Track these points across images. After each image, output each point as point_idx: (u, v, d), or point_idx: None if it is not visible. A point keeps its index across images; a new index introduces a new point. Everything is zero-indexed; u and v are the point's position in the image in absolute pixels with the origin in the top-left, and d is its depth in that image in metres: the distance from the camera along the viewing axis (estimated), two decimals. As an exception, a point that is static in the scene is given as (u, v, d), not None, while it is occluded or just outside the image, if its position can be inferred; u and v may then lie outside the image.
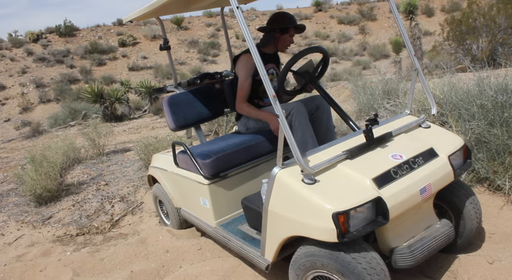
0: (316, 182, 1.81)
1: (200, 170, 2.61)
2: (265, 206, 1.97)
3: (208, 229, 2.74)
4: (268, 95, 2.91)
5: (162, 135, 6.00)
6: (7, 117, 16.33)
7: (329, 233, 1.68)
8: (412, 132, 2.27)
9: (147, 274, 2.67)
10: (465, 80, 3.79)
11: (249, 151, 2.73)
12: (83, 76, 19.36)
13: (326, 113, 2.81)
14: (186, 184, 2.89)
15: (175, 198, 3.13)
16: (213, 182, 2.61)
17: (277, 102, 1.75)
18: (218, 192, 2.65)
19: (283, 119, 1.75)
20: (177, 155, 2.97)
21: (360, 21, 26.86)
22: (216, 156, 2.59)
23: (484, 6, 10.80)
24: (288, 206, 1.85)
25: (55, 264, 3.00)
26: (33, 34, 22.44)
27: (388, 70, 13.33)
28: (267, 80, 1.78)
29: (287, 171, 1.88)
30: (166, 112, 3.17)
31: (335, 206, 1.69)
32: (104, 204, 4.23)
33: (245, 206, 2.41)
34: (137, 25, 25.00)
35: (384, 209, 1.75)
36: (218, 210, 2.67)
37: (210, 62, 21.55)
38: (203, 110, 3.25)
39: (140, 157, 5.20)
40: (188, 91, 3.27)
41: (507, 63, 6.07)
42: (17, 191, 5.11)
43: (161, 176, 3.26)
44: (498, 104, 3.04)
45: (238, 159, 2.69)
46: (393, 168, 1.91)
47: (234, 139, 2.87)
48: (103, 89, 12.08)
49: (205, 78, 3.46)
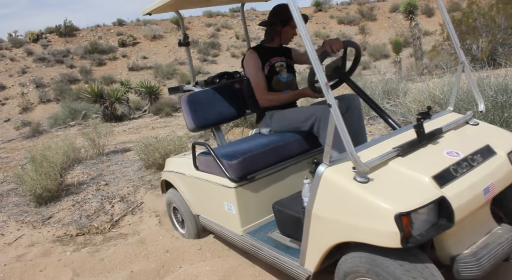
0: (370, 181, 1.63)
1: (226, 172, 2.40)
2: (308, 210, 1.78)
3: (233, 238, 2.51)
4: (284, 88, 2.86)
5: (162, 135, 6.00)
6: (7, 117, 16.33)
7: (391, 237, 1.48)
8: (461, 129, 2.13)
9: (147, 274, 2.67)
10: (465, 80, 3.79)
11: (277, 152, 2.54)
12: (83, 76, 19.36)
13: (357, 113, 2.64)
14: (207, 189, 2.68)
15: (194, 204, 2.92)
16: (240, 185, 2.40)
17: (329, 90, 1.58)
18: (246, 196, 2.43)
19: (336, 109, 1.57)
20: (197, 157, 2.78)
21: (360, 21, 26.86)
22: (243, 156, 2.39)
23: (484, 6, 10.81)
24: (338, 208, 1.66)
25: (55, 264, 3.00)
26: (33, 34, 22.43)
27: (388, 70, 13.33)
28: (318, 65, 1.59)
29: (336, 169, 1.70)
30: (184, 111, 2.97)
31: (397, 206, 1.50)
32: (104, 204, 4.23)
33: (278, 211, 2.21)
34: (137, 25, 25.00)
35: (448, 210, 1.57)
36: (245, 216, 2.44)
37: (210, 62, 21.55)
38: (224, 109, 3.07)
39: (140, 157, 5.20)
40: (208, 89, 3.10)
41: (507, 63, 6.08)
42: (17, 191, 5.11)
43: (177, 180, 3.05)
44: (498, 104, 3.05)
45: (267, 161, 2.50)
46: (453, 166, 1.75)
47: (260, 139, 2.69)
48: (103, 89, 12.07)
49: (223, 77, 3.31)
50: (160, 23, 25.21)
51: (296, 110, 2.71)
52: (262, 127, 2.91)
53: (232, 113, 3.10)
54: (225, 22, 26.24)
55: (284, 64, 2.93)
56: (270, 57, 2.87)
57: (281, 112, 2.78)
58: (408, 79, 7.79)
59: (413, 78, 8.35)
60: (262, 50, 2.88)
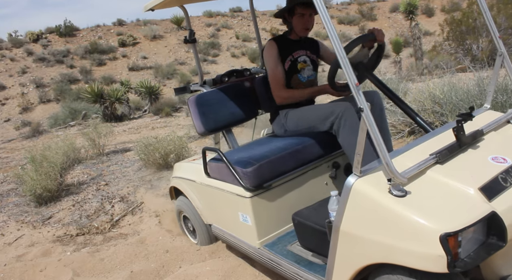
0: (408, 194, 1.43)
1: (240, 180, 2.19)
2: (335, 225, 1.59)
3: (249, 251, 2.31)
4: (302, 86, 2.60)
5: (162, 135, 6.00)
6: (7, 117, 16.33)
7: (435, 260, 1.29)
8: (502, 129, 1.91)
9: (147, 274, 2.67)
10: (465, 80, 3.79)
11: (295, 157, 2.32)
12: (83, 76, 19.35)
13: (380, 112, 2.37)
14: (220, 197, 2.46)
15: (205, 212, 2.71)
16: (256, 194, 2.19)
17: (360, 91, 1.41)
18: (262, 207, 2.22)
19: (369, 113, 1.40)
20: (208, 163, 2.55)
21: (360, 21, 26.85)
22: (259, 163, 2.19)
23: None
24: (371, 226, 1.46)
25: (55, 264, 3.00)
26: (33, 34, 22.43)
27: (388, 70, 13.32)
28: (347, 64, 1.41)
29: (368, 181, 1.51)
30: (193, 114, 2.75)
31: (442, 225, 1.30)
32: (104, 204, 4.23)
33: (298, 223, 2.01)
34: (137, 25, 24.99)
35: (499, 227, 1.37)
36: (262, 228, 2.24)
37: (210, 62, 21.54)
38: (236, 110, 2.85)
39: (140, 157, 5.20)
40: (218, 89, 2.89)
41: (507, 63, 6.07)
42: (17, 191, 5.11)
43: (187, 188, 2.84)
44: (498, 104, 3.05)
45: (284, 166, 2.29)
46: (501, 174, 1.54)
47: (275, 142, 2.47)
48: (103, 89, 12.07)
49: (232, 75, 3.10)
50: (160, 23, 25.20)
51: (313, 108, 2.46)
52: (276, 127, 2.69)
53: (244, 114, 2.90)
54: (225, 22, 26.23)
55: (308, 60, 2.65)
56: (292, 50, 2.60)
57: (297, 111, 2.54)
58: (408, 79, 7.79)
59: (413, 78, 8.35)
60: (284, 42, 2.62)
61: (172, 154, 5.02)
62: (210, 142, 6.31)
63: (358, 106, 1.42)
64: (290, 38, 2.64)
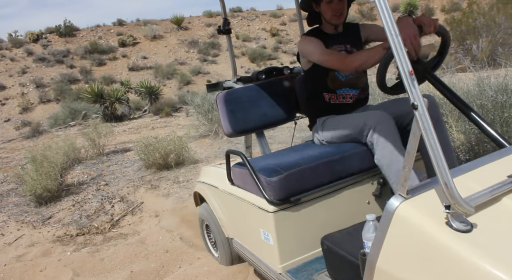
0: (474, 229, 1.07)
1: (263, 191, 1.86)
2: (370, 260, 1.26)
3: (270, 275, 1.97)
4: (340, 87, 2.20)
5: (162, 135, 6.00)
6: (7, 117, 16.32)
7: None
8: None
9: (147, 274, 2.67)
10: (465, 80, 3.79)
11: (332, 168, 1.95)
12: (83, 76, 19.35)
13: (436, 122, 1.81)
14: (242, 209, 2.13)
15: (227, 224, 2.36)
16: (281, 209, 1.85)
17: (415, 82, 1.12)
18: (287, 224, 1.86)
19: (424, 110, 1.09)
20: (232, 169, 2.22)
21: (360, 21, 26.85)
22: (286, 172, 1.84)
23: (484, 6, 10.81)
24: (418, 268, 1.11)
25: (55, 264, 3.00)
26: (33, 34, 22.42)
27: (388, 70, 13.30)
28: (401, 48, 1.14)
29: (417, 205, 1.16)
30: (221, 112, 2.46)
31: None
32: (104, 204, 4.24)
33: (328, 249, 1.68)
34: (137, 25, 24.99)
35: None
36: (286, 250, 1.88)
37: (210, 62, 21.53)
38: (270, 111, 2.53)
39: (140, 157, 5.21)
40: (251, 86, 2.61)
41: (507, 63, 6.07)
42: (17, 191, 5.11)
43: (209, 194, 2.52)
44: (498, 104, 3.05)
45: (317, 179, 1.91)
46: None
47: (310, 150, 2.16)
48: (103, 89, 12.07)
49: (271, 73, 2.79)
50: (160, 23, 25.21)
51: (349, 118, 2.12)
52: (314, 135, 2.37)
53: (279, 116, 2.56)
54: (225, 22, 26.21)
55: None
56: (329, 45, 2.22)
57: (334, 119, 2.22)
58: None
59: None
60: (320, 36, 2.24)
61: (172, 154, 5.02)
62: (210, 141, 6.31)
63: (411, 102, 1.10)
64: (325, 31, 2.29)
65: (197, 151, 5.76)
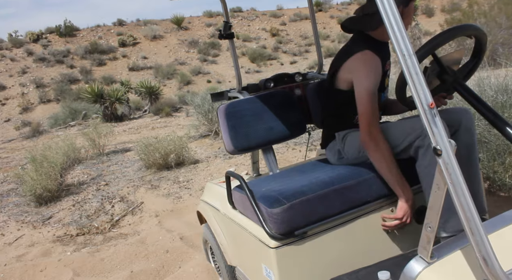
0: None
1: (264, 223, 1.58)
2: None
3: None
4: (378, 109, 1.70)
5: (162, 135, 6.01)
6: (7, 117, 16.33)
7: None
8: None
9: (147, 274, 2.67)
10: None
11: (344, 196, 1.65)
12: (83, 76, 19.36)
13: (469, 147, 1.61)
14: (244, 237, 1.86)
15: (229, 251, 2.08)
16: (284, 244, 1.58)
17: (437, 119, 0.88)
18: (291, 262, 1.60)
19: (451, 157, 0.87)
20: (233, 192, 1.94)
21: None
22: (290, 202, 1.57)
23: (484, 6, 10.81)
24: None
25: (55, 264, 3.00)
26: (33, 34, 22.44)
27: (388, 70, 13.31)
28: (410, 57, 0.88)
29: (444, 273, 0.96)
30: (221, 127, 2.21)
31: None
32: (104, 204, 4.24)
33: None
34: (137, 25, 25.00)
35: None
36: None
37: (210, 62, 21.54)
38: (277, 124, 2.24)
39: (140, 157, 5.21)
40: (255, 97, 2.30)
41: (507, 63, 6.07)
42: (17, 191, 5.11)
43: (211, 216, 2.26)
44: (498, 104, 3.04)
45: (326, 209, 1.63)
46: None
47: (320, 172, 1.85)
48: (103, 89, 12.08)
49: (282, 80, 2.49)
50: (160, 23, 25.21)
51: (385, 127, 1.71)
52: (329, 153, 2.01)
53: (287, 129, 2.26)
54: (225, 22, 26.22)
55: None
56: (385, 59, 1.82)
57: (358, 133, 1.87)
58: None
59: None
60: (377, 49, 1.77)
61: (172, 154, 5.02)
62: (210, 141, 6.31)
63: (432, 146, 0.89)
64: (378, 39, 1.83)
65: (197, 151, 5.76)
